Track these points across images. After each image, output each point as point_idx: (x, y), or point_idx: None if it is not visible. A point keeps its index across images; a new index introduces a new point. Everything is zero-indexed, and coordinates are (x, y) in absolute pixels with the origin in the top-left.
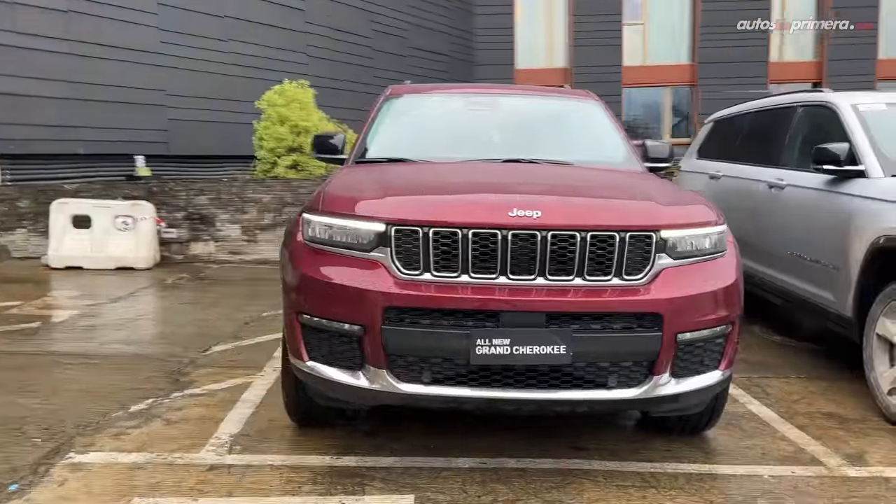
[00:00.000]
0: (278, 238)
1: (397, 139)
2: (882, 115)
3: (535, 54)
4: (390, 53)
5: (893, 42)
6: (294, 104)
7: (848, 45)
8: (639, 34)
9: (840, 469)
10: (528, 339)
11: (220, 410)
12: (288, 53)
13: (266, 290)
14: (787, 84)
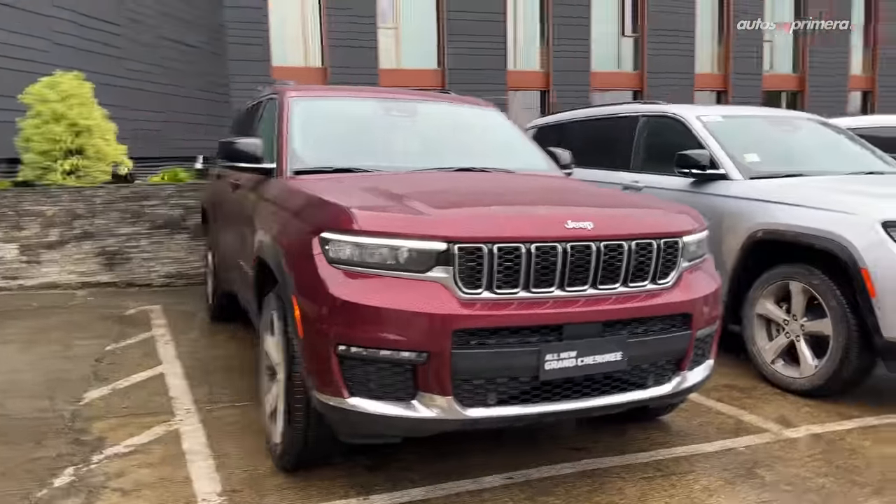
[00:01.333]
0: (69, 258)
1: (331, 147)
2: (721, 125)
3: (292, 52)
4: (141, 44)
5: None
6: (72, 99)
7: (567, 58)
8: (392, 38)
9: (782, 433)
10: (591, 350)
11: (174, 469)
12: (28, 39)
13: (80, 320)
14: (523, 91)
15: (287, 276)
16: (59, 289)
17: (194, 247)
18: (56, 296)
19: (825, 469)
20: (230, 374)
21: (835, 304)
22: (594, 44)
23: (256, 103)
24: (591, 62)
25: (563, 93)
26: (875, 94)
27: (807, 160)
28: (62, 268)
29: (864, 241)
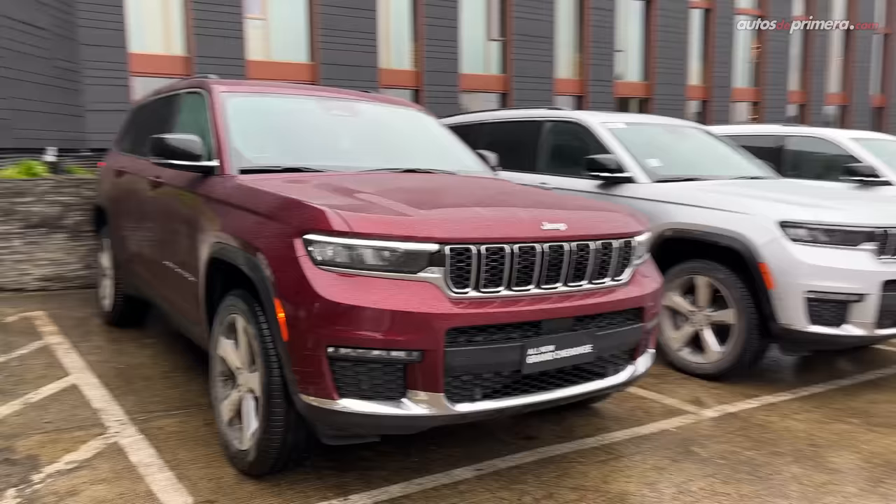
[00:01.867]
0: None
1: (271, 145)
2: (624, 132)
3: (151, 38)
4: None
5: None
6: None
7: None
8: (261, 29)
9: (702, 413)
10: (566, 343)
11: (131, 482)
12: None
13: None
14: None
15: (266, 278)
16: None
17: (74, 248)
18: None
19: (748, 443)
20: (153, 382)
21: (737, 296)
22: (463, 46)
23: (167, 96)
24: (460, 64)
25: (433, 93)
26: (709, 103)
27: (699, 165)
28: None
29: (762, 239)
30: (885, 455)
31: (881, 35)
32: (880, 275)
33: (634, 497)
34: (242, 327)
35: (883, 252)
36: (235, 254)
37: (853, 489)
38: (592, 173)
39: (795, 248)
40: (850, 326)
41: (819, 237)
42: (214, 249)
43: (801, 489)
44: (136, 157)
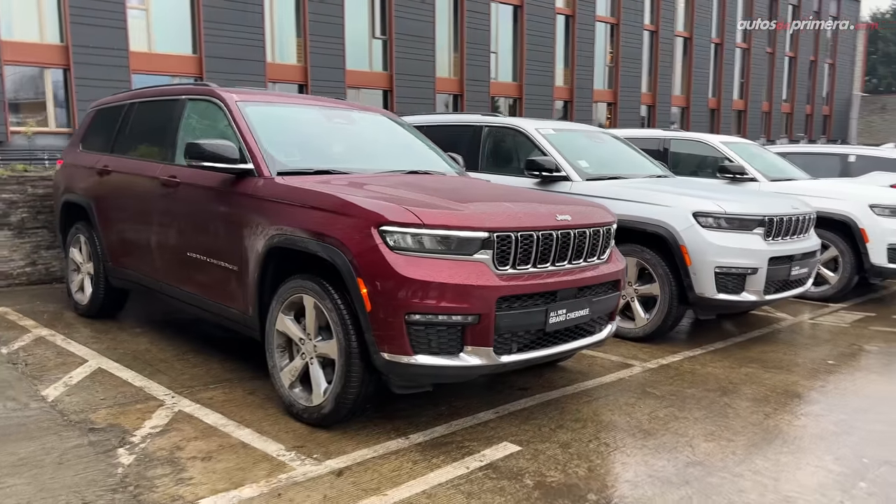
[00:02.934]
0: None
1: (294, 150)
2: (555, 136)
3: (24, 26)
4: None
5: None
6: None
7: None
8: (143, 20)
9: (645, 366)
10: (573, 307)
11: (221, 438)
12: None
13: None
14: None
15: (347, 261)
16: None
17: (19, 245)
18: None
19: (686, 385)
20: (171, 364)
21: (661, 272)
22: (348, 43)
23: (162, 101)
24: (346, 60)
25: (319, 88)
26: (573, 104)
27: (616, 166)
28: None
29: (682, 226)
30: (779, 386)
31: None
32: (768, 253)
33: (621, 422)
34: (312, 304)
35: (769, 235)
36: (306, 243)
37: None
38: (533, 173)
39: (707, 233)
40: (747, 294)
41: (723, 224)
42: (276, 240)
43: (733, 412)
44: (125, 157)
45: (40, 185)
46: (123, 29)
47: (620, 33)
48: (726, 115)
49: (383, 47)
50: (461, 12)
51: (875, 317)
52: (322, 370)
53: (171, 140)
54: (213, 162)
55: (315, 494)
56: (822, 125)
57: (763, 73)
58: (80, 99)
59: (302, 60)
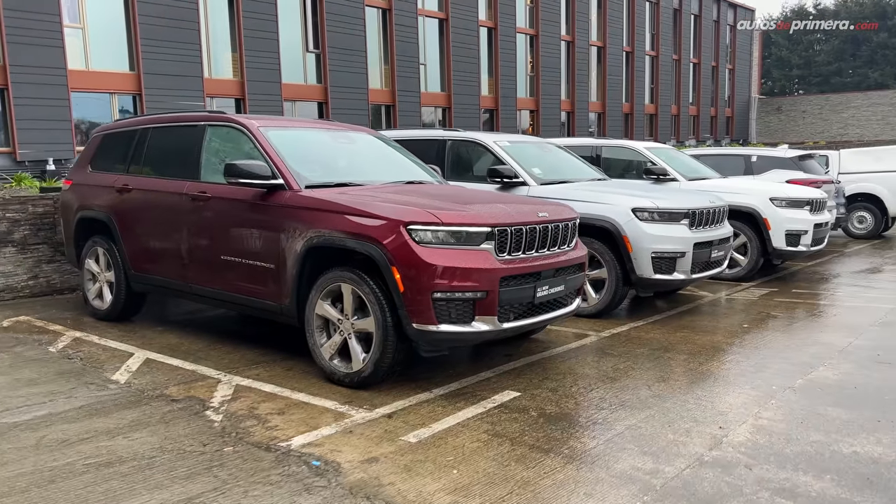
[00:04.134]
0: None
1: (313, 167)
2: (510, 148)
3: None
4: None
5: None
6: None
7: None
8: (79, 38)
9: (600, 334)
10: (553, 284)
11: (283, 399)
12: None
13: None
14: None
15: (383, 254)
16: None
17: (22, 260)
18: None
19: (634, 347)
20: (207, 352)
21: (608, 259)
22: (283, 56)
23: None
24: (281, 74)
25: (256, 101)
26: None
27: (563, 171)
28: None
29: (624, 220)
30: (707, 344)
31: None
32: (692, 239)
33: (591, 373)
34: (350, 290)
35: (692, 225)
36: (345, 241)
37: (696, 358)
38: (494, 179)
39: (644, 225)
40: (678, 273)
41: (656, 217)
42: (315, 240)
43: (675, 363)
44: (144, 176)
45: (40, 205)
46: (61, 48)
47: (540, 44)
48: (639, 119)
49: (317, 61)
50: (390, 26)
51: (777, 291)
52: (358, 343)
53: (194, 160)
54: (249, 178)
55: (378, 429)
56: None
57: (670, 79)
58: (20, 118)
59: (238, 75)
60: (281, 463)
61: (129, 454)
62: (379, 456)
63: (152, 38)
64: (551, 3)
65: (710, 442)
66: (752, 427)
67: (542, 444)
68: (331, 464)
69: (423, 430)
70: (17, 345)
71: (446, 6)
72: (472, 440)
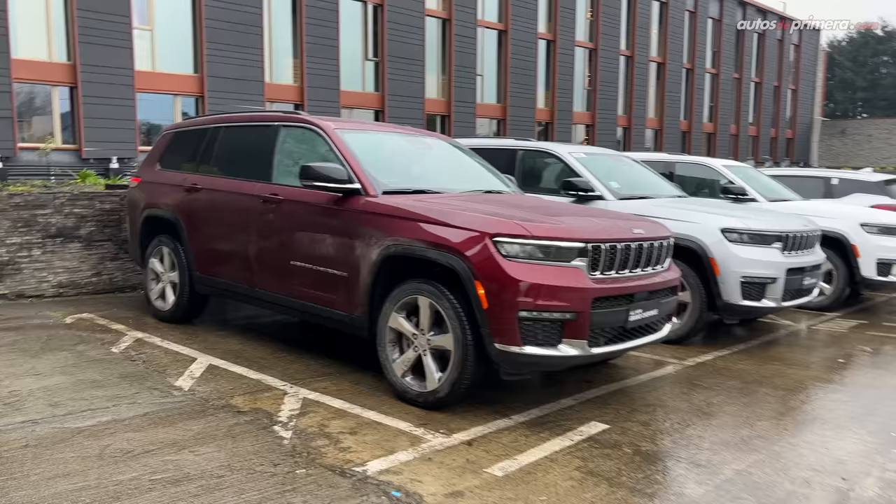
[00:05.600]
0: None
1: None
2: (586, 160)
3: (35, 45)
4: None
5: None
6: None
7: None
8: (147, 40)
9: (683, 363)
10: (647, 307)
11: (354, 418)
12: None
13: (35, 332)
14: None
15: (466, 267)
16: None
17: (87, 256)
18: None
19: (725, 378)
20: (270, 360)
21: (693, 282)
22: (342, 64)
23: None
24: (340, 81)
25: (314, 108)
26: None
27: (641, 186)
28: None
29: (711, 240)
30: (804, 380)
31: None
32: (785, 264)
33: (683, 406)
34: (427, 303)
35: (785, 248)
36: (425, 251)
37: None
38: (569, 192)
39: (733, 247)
40: (767, 301)
41: (746, 239)
42: (393, 249)
43: (773, 399)
44: (213, 175)
45: (107, 201)
46: (129, 48)
47: (598, 58)
48: (697, 137)
49: (375, 69)
50: (449, 36)
51: (868, 324)
52: (434, 360)
53: (266, 162)
54: (325, 182)
55: (458, 458)
56: (786, 148)
57: (731, 98)
58: (87, 116)
59: (298, 81)
60: (358, 491)
61: (197, 471)
62: (464, 490)
63: (217, 41)
64: (612, 17)
65: (836, 497)
66: (879, 481)
67: (643, 487)
68: (413, 496)
69: (508, 463)
70: (80, 343)
71: (506, 18)
72: (564, 478)
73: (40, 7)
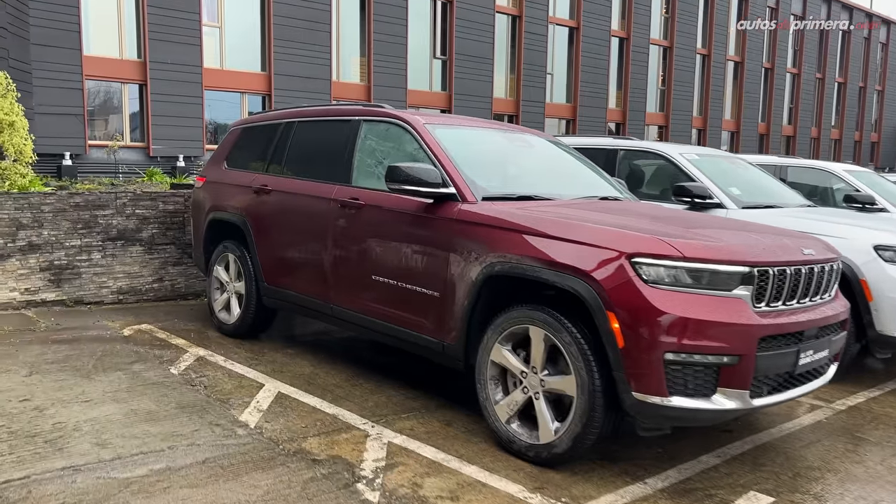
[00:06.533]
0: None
1: (493, 174)
2: (700, 162)
3: (106, 42)
4: None
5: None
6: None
7: (386, 74)
8: (216, 37)
9: (832, 406)
10: (818, 347)
11: (451, 474)
12: None
13: (89, 345)
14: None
15: (596, 294)
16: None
17: (149, 261)
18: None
19: (891, 429)
20: (346, 389)
21: None
22: (410, 62)
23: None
24: (408, 79)
25: None
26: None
27: (767, 194)
28: (2, 284)
29: (862, 260)
30: None
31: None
32: None
33: (858, 471)
34: (541, 336)
35: None
36: (539, 271)
37: None
38: (682, 199)
39: (890, 267)
40: None
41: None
42: (498, 267)
43: None
44: (285, 176)
45: (171, 202)
46: (198, 46)
47: (674, 56)
48: (775, 140)
49: (443, 67)
50: (519, 34)
51: None
52: (549, 406)
53: (346, 161)
54: (415, 186)
55: None
56: (871, 152)
57: (812, 99)
58: (155, 114)
59: (365, 79)
60: None
61: None
62: None
63: (285, 38)
64: (688, 14)
65: None
66: None
67: None
68: None
69: None
70: (137, 361)
71: (578, 14)
72: None
73: (112, 3)
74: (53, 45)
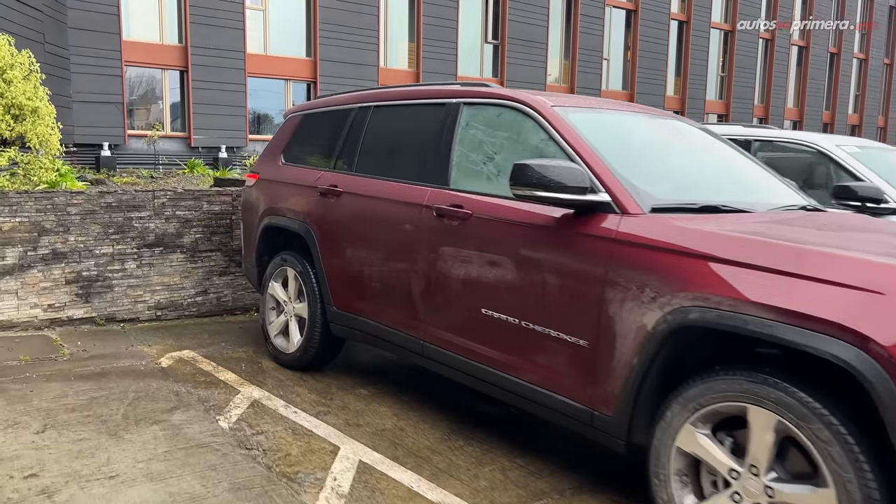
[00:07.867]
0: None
1: (655, 175)
2: (862, 156)
3: (146, 26)
4: None
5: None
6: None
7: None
8: (260, 21)
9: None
10: None
11: None
12: None
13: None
14: None
15: (880, 370)
16: (17, 329)
17: (191, 270)
18: (28, 342)
19: None
20: (446, 456)
21: None
22: (460, 47)
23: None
24: (458, 66)
25: None
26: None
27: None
28: (22, 300)
29: None
30: None
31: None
32: None
33: None
34: (773, 421)
35: None
36: (767, 327)
37: None
38: (844, 202)
39: None
40: None
41: None
42: (694, 315)
43: None
44: (359, 174)
45: (216, 202)
46: (241, 30)
47: (735, 41)
48: (840, 129)
49: (494, 52)
50: (574, 17)
51: None
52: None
53: (441, 157)
54: (552, 192)
55: None
56: None
57: (879, 86)
58: (196, 102)
59: (413, 66)
60: None
61: None
62: None
63: (331, 22)
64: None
65: None
66: None
67: None
68: None
69: None
70: (177, 408)
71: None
72: None
73: None
74: (92, 28)
